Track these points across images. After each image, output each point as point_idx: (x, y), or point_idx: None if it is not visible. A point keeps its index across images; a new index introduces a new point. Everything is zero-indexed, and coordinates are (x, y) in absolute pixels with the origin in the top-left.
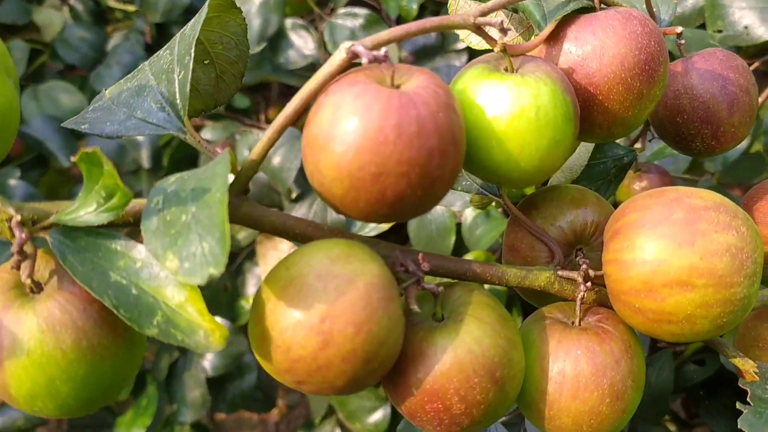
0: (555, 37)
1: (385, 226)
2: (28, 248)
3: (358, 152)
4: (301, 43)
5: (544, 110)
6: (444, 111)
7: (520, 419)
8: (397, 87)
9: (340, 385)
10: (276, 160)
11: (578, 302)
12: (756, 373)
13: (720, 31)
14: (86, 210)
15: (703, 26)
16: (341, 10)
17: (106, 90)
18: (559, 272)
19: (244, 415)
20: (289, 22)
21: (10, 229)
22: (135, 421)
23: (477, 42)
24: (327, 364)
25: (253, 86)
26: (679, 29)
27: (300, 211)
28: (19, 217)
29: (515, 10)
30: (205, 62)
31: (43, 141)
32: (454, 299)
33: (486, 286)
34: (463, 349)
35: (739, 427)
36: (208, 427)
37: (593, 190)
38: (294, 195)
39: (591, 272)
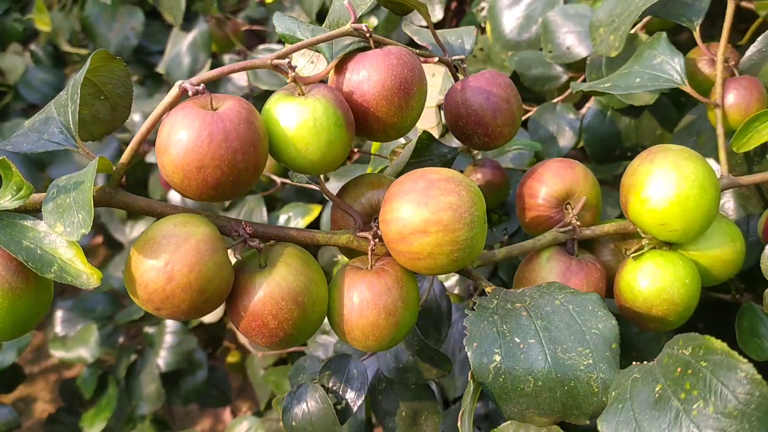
0: (340, 69)
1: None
2: None
3: (186, 153)
4: (237, 76)
5: (320, 120)
6: (244, 124)
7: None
8: (215, 110)
9: (185, 309)
10: None
11: (369, 253)
12: (491, 291)
13: (551, 51)
14: (4, 200)
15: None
16: (261, 46)
17: (25, 123)
18: (358, 233)
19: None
20: (226, 57)
21: None
22: (97, 415)
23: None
24: (172, 294)
25: None
26: (435, 58)
27: (232, 214)
28: None
29: (317, 50)
30: (101, 98)
31: None
32: (273, 253)
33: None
34: (273, 284)
35: (464, 323)
36: (167, 422)
37: None
38: (227, 204)
39: (378, 232)
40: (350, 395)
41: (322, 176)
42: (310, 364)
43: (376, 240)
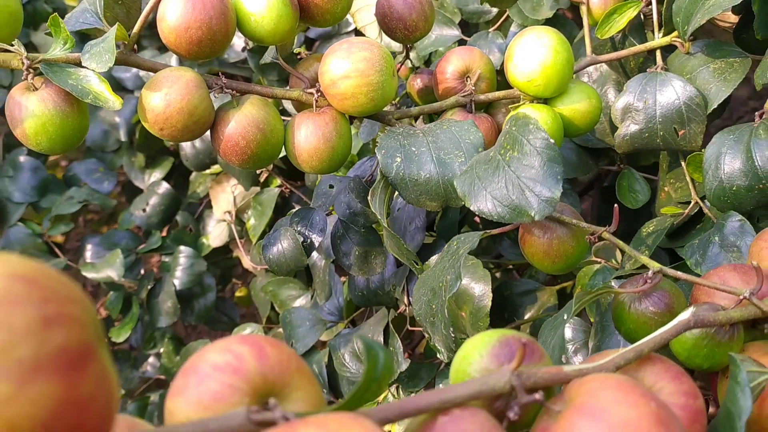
0: None
1: None
2: (32, 71)
3: (177, 17)
4: (237, 42)
5: (275, 3)
6: (218, 3)
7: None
8: None
9: (179, 128)
10: None
11: (314, 103)
12: (398, 125)
13: None
14: (55, 50)
15: None
16: None
17: (67, 14)
18: (306, 90)
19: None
20: None
21: (22, 62)
22: (123, 327)
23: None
24: (170, 116)
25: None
26: None
27: None
28: (26, 55)
29: None
30: (119, 2)
31: None
32: (242, 99)
33: None
34: (242, 115)
35: (376, 140)
36: (182, 340)
37: None
38: None
39: (320, 88)
40: (313, 236)
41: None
42: None
43: (318, 94)
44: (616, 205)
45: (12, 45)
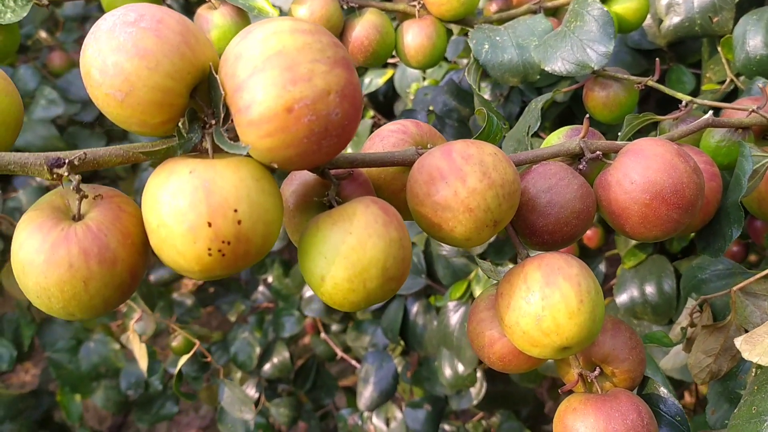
0: None
1: None
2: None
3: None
4: None
5: None
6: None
7: None
8: None
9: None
10: None
11: (416, 12)
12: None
13: None
14: None
15: None
16: None
17: None
18: (409, 3)
19: None
20: None
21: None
22: None
23: None
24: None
25: None
26: None
27: None
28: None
29: None
30: None
31: None
32: (364, 10)
33: None
34: (364, 20)
35: (468, 35)
36: (289, 263)
37: None
38: None
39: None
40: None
41: None
42: None
43: (420, 5)
44: (657, 59)
45: None
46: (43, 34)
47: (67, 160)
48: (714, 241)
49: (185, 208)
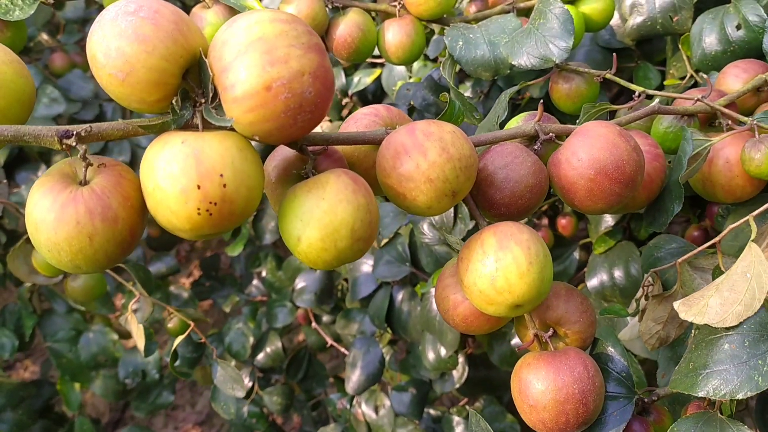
0: None
1: None
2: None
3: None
4: None
5: None
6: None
7: None
8: None
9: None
10: None
11: (397, 12)
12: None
13: None
14: None
15: None
16: None
17: None
18: (391, 2)
19: None
20: None
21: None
22: (236, 244)
23: None
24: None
25: None
26: None
27: None
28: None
29: None
30: None
31: None
32: (348, 10)
33: None
34: (348, 19)
35: (444, 35)
36: (282, 257)
37: None
38: None
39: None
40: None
41: None
42: None
43: (400, 5)
44: (614, 53)
45: None
46: (45, 36)
47: (75, 132)
48: (659, 216)
49: (178, 173)
